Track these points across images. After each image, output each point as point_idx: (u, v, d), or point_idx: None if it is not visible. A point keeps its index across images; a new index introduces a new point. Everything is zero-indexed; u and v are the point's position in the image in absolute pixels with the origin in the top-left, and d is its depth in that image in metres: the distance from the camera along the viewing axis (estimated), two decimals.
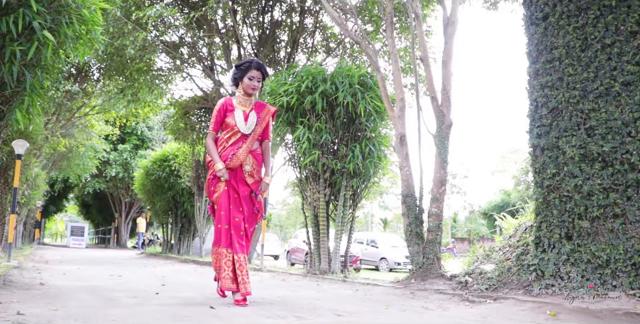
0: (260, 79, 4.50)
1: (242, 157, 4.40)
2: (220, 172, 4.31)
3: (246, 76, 4.44)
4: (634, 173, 4.44)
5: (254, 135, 4.48)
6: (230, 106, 4.48)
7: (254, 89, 4.47)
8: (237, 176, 4.42)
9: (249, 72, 4.43)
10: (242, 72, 4.45)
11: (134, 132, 29.31)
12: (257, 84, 4.46)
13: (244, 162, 4.42)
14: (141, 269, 9.82)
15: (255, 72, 4.44)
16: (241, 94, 4.53)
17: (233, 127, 4.42)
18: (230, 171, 4.39)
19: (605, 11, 4.71)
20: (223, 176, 4.32)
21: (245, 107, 4.51)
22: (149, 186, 18.09)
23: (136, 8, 10.94)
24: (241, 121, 4.42)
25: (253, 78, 4.44)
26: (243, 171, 4.42)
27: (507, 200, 37.21)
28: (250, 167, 4.45)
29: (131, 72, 13.22)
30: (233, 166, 4.37)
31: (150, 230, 31.57)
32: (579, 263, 4.73)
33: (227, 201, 4.35)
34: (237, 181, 4.41)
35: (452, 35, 6.70)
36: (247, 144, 4.44)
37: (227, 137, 4.43)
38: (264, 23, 12.81)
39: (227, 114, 4.45)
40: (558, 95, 5.00)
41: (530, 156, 5.33)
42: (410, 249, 6.50)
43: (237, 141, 4.42)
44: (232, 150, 4.40)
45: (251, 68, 4.44)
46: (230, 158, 4.36)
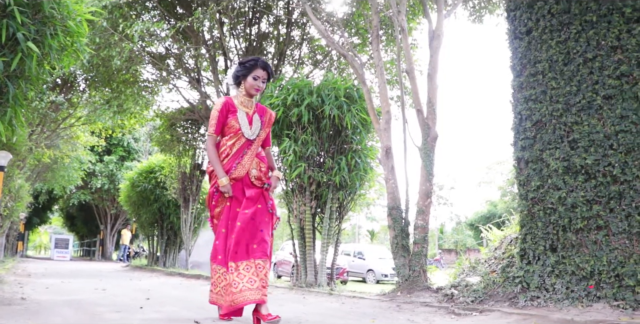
0: (266, 80, 4.07)
1: (248, 165, 3.96)
2: (225, 188, 3.86)
3: (251, 75, 3.99)
4: (616, 185, 4.48)
5: (258, 141, 4.06)
6: (232, 107, 4.00)
7: (258, 90, 4.04)
8: (244, 182, 3.97)
9: (254, 71, 3.99)
10: (247, 71, 4.00)
11: (120, 143, 29.14)
12: (261, 84, 4.04)
13: (250, 168, 3.99)
14: (126, 283, 9.71)
15: (261, 72, 4.01)
16: (242, 94, 4.05)
17: (237, 132, 3.96)
18: (234, 182, 3.94)
19: (586, 26, 4.78)
20: (227, 193, 3.87)
21: (247, 109, 4.07)
22: (134, 197, 17.95)
23: (123, 19, 10.93)
24: (246, 125, 3.98)
25: (258, 78, 4.00)
26: (250, 177, 3.99)
27: (493, 211, 37.40)
28: (257, 171, 4.02)
29: (117, 84, 13.17)
30: (238, 176, 3.93)
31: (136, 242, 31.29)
32: (563, 275, 4.75)
33: (227, 217, 3.90)
34: (243, 190, 3.96)
35: (437, 48, 6.76)
36: (252, 150, 4.01)
37: (230, 143, 3.95)
38: (251, 35, 12.84)
39: (230, 115, 3.97)
40: (542, 108, 5.05)
41: (514, 169, 5.37)
42: (396, 262, 6.49)
43: (241, 147, 3.96)
44: (236, 158, 3.95)
45: (257, 67, 4.00)
46: (234, 167, 3.92)
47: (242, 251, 3.79)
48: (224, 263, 3.80)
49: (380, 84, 7.16)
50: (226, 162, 3.93)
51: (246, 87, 4.02)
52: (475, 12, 10.63)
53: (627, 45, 4.47)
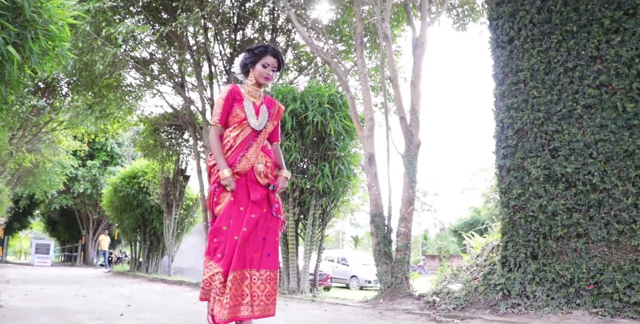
0: (276, 68, 3.73)
1: (253, 159, 3.60)
2: (226, 180, 3.47)
3: (260, 62, 3.66)
4: (596, 193, 4.53)
5: (264, 133, 3.70)
6: (239, 95, 3.68)
7: (268, 79, 3.70)
8: (248, 178, 3.61)
9: (263, 58, 3.66)
10: (256, 58, 3.68)
11: (104, 148, 28.88)
12: (271, 73, 3.69)
13: (256, 162, 3.63)
14: (107, 289, 9.61)
15: (271, 59, 3.67)
16: (251, 83, 3.71)
17: (242, 121, 3.62)
18: (238, 178, 3.57)
19: (567, 36, 4.84)
20: (229, 186, 3.48)
21: (255, 99, 3.72)
22: (117, 203, 17.80)
23: (106, 24, 10.85)
24: (252, 114, 3.65)
25: (268, 65, 3.66)
26: (255, 172, 3.63)
27: (477, 217, 37.58)
28: (263, 167, 3.66)
29: (100, 88, 13.06)
30: (242, 169, 3.56)
31: (119, 248, 30.93)
32: (544, 282, 4.79)
33: (229, 214, 3.50)
34: (247, 187, 3.60)
35: (421, 56, 6.80)
36: (258, 143, 3.66)
37: (234, 134, 3.61)
38: (235, 40, 12.83)
39: (235, 104, 3.65)
40: (523, 116, 5.10)
41: (496, 176, 5.41)
42: (379, 269, 6.50)
43: (246, 138, 3.61)
44: (240, 150, 3.59)
45: (267, 53, 3.67)
46: (238, 160, 3.57)
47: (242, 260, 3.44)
48: (222, 263, 3.39)
49: (364, 91, 7.18)
50: (229, 154, 3.59)
51: (255, 76, 3.69)
52: (459, 20, 10.73)
53: (606, 55, 4.54)
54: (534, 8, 5.15)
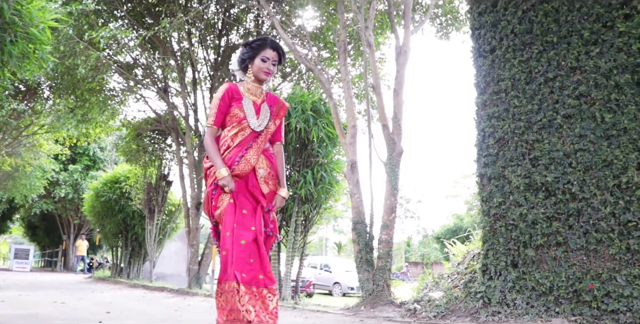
0: (276, 62, 3.42)
1: (254, 161, 3.30)
2: (224, 180, 3.17)
3: (259, 57, 3.36)
4: (575, 203, 4.57)
5: (266, 133, 3.40)
6: (237, 94, 3.39)
7: (268, 74, 3.40)
8: (250, 184, 3.31)
9: (262, 52, 3.36)
10: (254, 52, 3.37)
11: (86, 152, 28.59)
12: (272, 67, 3.39)
13: (257, 166, 3.33)
14: (87, 295, 9.48)
15: (271, 52, 3.37)
16: (250, 80, 3.43)
17: (241, 121, 3.33)
18: (237, 180, 3.27)
19: (547, 47, 4.89)
20: (228, 186, 3.17)
21: (255, 97, 3.44)
22: (98, 208, 17.64)
23: (89, 27, 10.78)
24: (252, 114, 3.36)
25: (267, 59, 3.36)
26: (257, 177, 3.33)
27: (459, 224, 37.78)
28: (264, 172, 3.36)
29: (82, 92, 12.95)
30: (241, 172, 3.26)
31: (100, 253, 30.58)
32: (524, 290, 4.82)
33: (233, 217, 3.18)
34: (248, 191, 3.30)
35: (404, 64, 6.84)
36: (259, 144, 3.35)
37: (232, 134, 3.32)
38: (220, 46, 12.80)
39: (233, 103, 3.36)
40: (504, 125, 5.14)
41: (477, 185, 5.44)
42: (360, 276, 6.50)
43: (245, 139, 3.32)
44: (239, 151, 3.29)
45: (266, 46, 3.37)
46: (237, 162, 3.26)
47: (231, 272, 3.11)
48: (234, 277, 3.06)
49: (347, 99, 7.20)
50: (227, 155, 3.29)
51: (254, 71, 3.39)
52: (442, 29, 10.82)
53: (586, 66, 4.59)
54: (515, 18, 5.20)
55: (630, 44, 4.31)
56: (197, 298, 9.46)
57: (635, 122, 4.23)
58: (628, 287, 4.21)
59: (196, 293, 10.48)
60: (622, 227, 4.29)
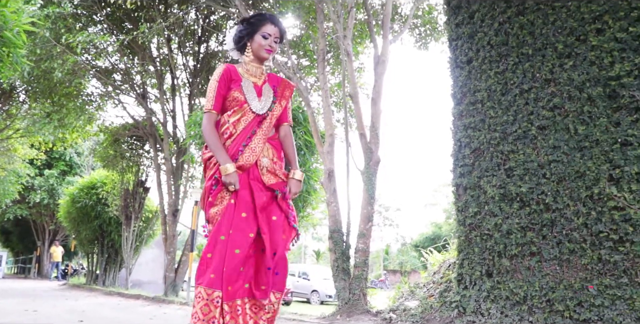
0: (278, 39, 3.08)
1: (259, 150, 2.93)
2: (230, 177, 2.79)
3: (258, 33, 3.01)
4: (549, 213, 4.62)
5: (271, 117, 3.03)
6: (236, 75, 3.02)
7: (270, 52, 3.05)
8: (251, 176, 2.93)
9: (262, 28, 3.01)
10: (253, 28, 3.03)
11: (62, 157, 28.21)
12: (274, 45, 3.05)
13: (260, 155, 2.97)
14: (60, 303, 9.32)
15: (272, 28, 3.02)
16: (249, 60, 3.07)
17: (242, 105, 2.97)
18: (240, 174, 2.89)
19: (523, 59, 4.96)
20: (233, 185, 2.80)
21: (256, 78, 3.09)
22: (74, 213, 17.42)
23: (66, 31, 10.67)
24: (253, 96, 3.00)
25: (269, 36, 3.01)
26: (259, 167, 2.95)
27: (438, 233, 37.99)
28: (269, 161, 2.98)
29: (59, 96, 12.81)
30: (246, 163, 2.89)
31: (76, 260, 30.13)
32: (498, 300, 4.85)
33: (229, 221, 2.82)
34: (250, 187, 2.91)
35: (382, 74, 6.88)
36: (264, 130, 2.99)
37: (234, 120, 2.95)
38: (199, 53, 12.76)
39: (232, 85, 3.00)
40: (480, 136, 5.19)
41: (453, 195, 5.48)
42: (337, 285, 6.49)
43: (249, 125, 2.96)
44: (242, 139, 2.93)
45: (266, 22, 3.02)
46: (240, 151, 2.90)
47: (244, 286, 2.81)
48: (220, 286, 2.74)
49: (325, 108, 7.22)
50: (229, 144, 2.92)
51: (254, 49, 3.04)
52: (421, 38, 10.93)
53: (560, 78, 4.66)
54: (492, 30, 5.26)
55: (602, 58, 4.39)
56: (173, 306, 9.36)
57: (606, 135, 4.30)
58: (599, 297, 4.25)
59: (172, 300, 10.37)
60: (594, 238, 4.34)
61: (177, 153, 12.98)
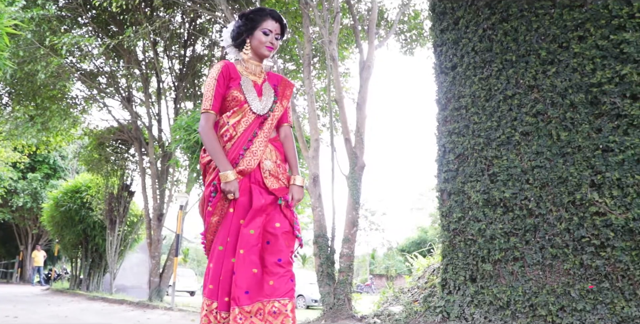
0: (279, 36, 2.92)
1: (260, 153, 2.75)
2: (230, 186, 2.62)
3: (259, 29, 2.84)
4: (532, 218, 4.65)
5: (272, 118, 2.86)
6: (234, 73, 2.84)
7: (271, 49, 2.88)
8: (252, 179, 2.75)
9: (263, 23, 2.84)
10: (253, 24, 2.85)
11: (46, 160, 27.91)
12: (275, 41, 2.89)
13: (263, 158, 2.78)
14: (42, 309, 9.20)
15: (273, 24, 2.86)
16: (248, 57, 2.90)
17: (242, 105, 2.79)
18: (240, 179, 2.70)
19: (506, 65, 5.00)
20: (233, 193, 2.64)
21: (255, 77, 2.92)
22: (58, 218, 17.25)
23: (51, 33, 10.58)
24: (253, 96, 2.82)
25: (270, 32, 2.84)
26: (262, 170, 2.77)
27: (424, 237, 38.10)
28: (272, 164, 2.80)
29: (43, 99, 12.69)
30: (247, 167, 2.70)
31: (59, 264, 29.84)
32: (482, 305, 4.86)
33: (227, 230, 2.68)
34: (250, 192, 2.72)
35: (367, 79, 6.90)
36: (265, 132, 2.81)
37: (234, 121, 2.77)
38: (185, 56, 12.72)
39: (231, 84, 2.82)
40: (464, 142, 5.22)
41: (437, 200, 5.50)
42: (321, 290, 6.47)
43: (249, 127, 2.78)
44: (243, 142, 2.74)
45: (266, 17, 2.86)
46: (241, 155, 2.72)
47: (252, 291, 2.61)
48: (216, 296, 2.63)
49: (310, 112, 7.22)
50: (230, 148, 2.73)
51: (253, 46, 2.88)
52: (407, 44, 10.98)
53: (543, 85, 4.70)
54: (476, 36, 5.30)
55: (584, 65, 4.44)
56: (158, 311, 9.29)
57: (588, 141, 4.34)
58: (581, 301, 4.29)
59: (156, 306, 10.29)
60: (576, 243, 4.37)
61: (162, 157, 12.91)
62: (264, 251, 2.67)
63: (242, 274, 2.59)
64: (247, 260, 2.61)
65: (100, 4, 9.82)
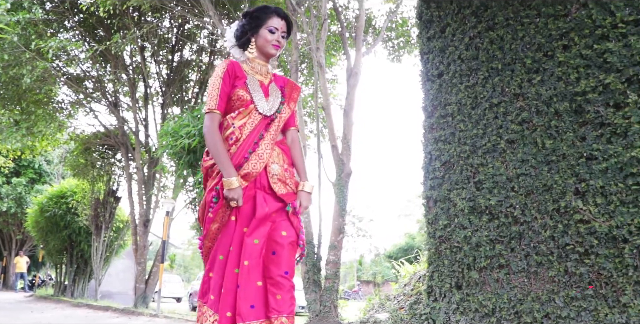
0: (285, 34, 2.79)
1: (266, 156, 2.60)
2: (234, 193, 2.47)
3: (264, 27, 2.72)
4: (517, 226, 4.67)
5: (279, 120, 2.72)
6: (240, 72, 2.70)
7: (278, 47, 2.76)
8: (258, 184, 2.59)
9: (268, 21, 2.72)
10: (257, 22, 2.73)
11: (31, 165, 27.65)
12: (282, 40, 2.77)
13: (270, 161, 2.63)
14: (25, 315, 9.10)
15: (279, 22, 2.74)
16: (253, 56, 2.77)
17: (247, 105, 2.64)
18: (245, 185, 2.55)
19: (492, 73, 5.03)
20: (235, 201, 2.49)
21: (262, 77, 2.79)
22: (42, 223, 17.12)
23: (37, 37, 10.51)
24: (260, 96, 2.68)
25: (276, 30, 2.72)
26: (268, 174, 2.61)
27: (411, 243, 38.09)
28: (279, 168, 2.65)
29: (28, 103, 12.60)
30: (252, 171, 2.55)
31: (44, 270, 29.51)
32: (467, 312, 4.87)
33: (230, 238, 2.52)
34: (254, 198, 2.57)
35: (354, 86, 6.92)
36: (272, 134, 2.66)
37: (240, 123, 2.62)
38: (173, 61, 12.69)
39: (236, 83, 2.67)
40: (450, 149, 5.24)
41: (424, 207, 5.51)
42: (308, 297, 6.46)
43: (255, 129, 2.63)
44: (248, 145, 2.59)
45: (271, 15, 2.73)
46: (246, 158, 2.56)
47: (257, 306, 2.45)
48: (216, 308, 2.46)
49: (298, 118, 7.22)
50: (235, 151, 2.58)
51: (259, 45, 2.75)
52: (394, 51, 11.03)
53: (528, 93, 4.74)
54: (462, 44, 5.33)
55: (568, 74, 4.47)
56: (143, 318, 9.21)
57: (573, 149, 4.37)
58: (566, 308, 4.30)
59: (142, 312, 10.21)
60: (560, 250, 4.40)
61: (149, 163, 12.84)
62: (269, 262, 2.51)
63: (247, 288, 2.44)
64: (252, 272, 2.47)
65: (88, 8, 9.78)
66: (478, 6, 5.24)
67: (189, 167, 8.37)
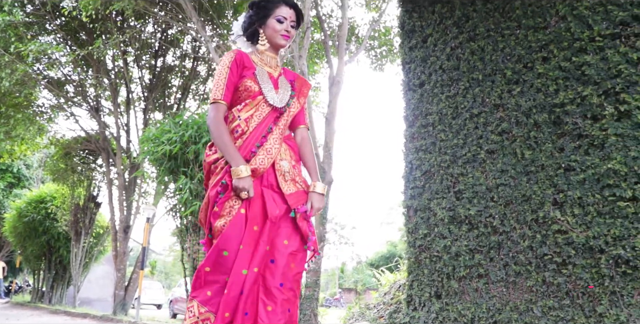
0: (295, 23, 2.63)
1: (275, 151, 2.43)
2: (244, 182, 2.28)
3: (272, 17, 2.57)
4: (496, 236, 4.70)
5: (288, 114, 2.56)
6: (249, 62, 2.53)
7: (287, 38, 2.60)
8: (264, 182, 2.42)
9: (276, 11, 2.57)
10: (265, 12, 2.58)
11: (9, 169, 27.28)
12: (291, 30, 2.61)
13: (278, 157, 2.46)
14: (0, 323, 8.95)
15: (288, 11, 2.59)
16: (262, 48, 2.61)
17: (255, 96, 2.48)
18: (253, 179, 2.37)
19: (473, 84, 5.07)
20: (246, 191, 2.30)
21: (271, 69, 2.63)
22: (21, 228, 16.88)
23: (17, 39, 10.39)
24: (269, 87, 2.51)
25: (285, 19, 2.57)
26: (278, 172, 2.45)
27: (393, 251, 38.15)
28: (288, 165, 2.48)
29: (7, 107, 12.44)
30: (260, 167, 2.38)
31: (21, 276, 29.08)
32: (446, 321, 4.88)
33: (238, 234, 2.28)
34: (262, 196, 2.38)
35: (336, 94, 6.94)
36: (281, 128, 2.51)
37: (246, 115, 2.45)
38: (156, 67, 12.63)
39: (244, 73, 2.50)
40: (431, 159, 5.26)
41: (404, 216, 5.52)
42: None
43: (263, 121, 2.46)
44: (255, 139, 2.43)
45: (279, 4, 2.58)
46: (253, 152, 2.39)
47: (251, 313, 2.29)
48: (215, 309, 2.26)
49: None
50: (240, 144, 2.41)
51: (268, 36, 2.59)
52: (377, 60, 11.08)
53: (508, 104, 4.78)
54: (444, 55, 5.37)
55: (547, 85, 4.52)
56: None
57: (551, 160, 4.41)
58: (543, 318, 4.33)
59: (120, 320, 10.09)
60: (538, 260, 4.43)
61: (130, 168, 12.74)
62: (266, 269, 2.34)
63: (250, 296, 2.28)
64: (257, 281, 2.31)
65: (70, 12, 9.70)
66: (460, 17, 5.28)
67: (169, 174, 8.30)
